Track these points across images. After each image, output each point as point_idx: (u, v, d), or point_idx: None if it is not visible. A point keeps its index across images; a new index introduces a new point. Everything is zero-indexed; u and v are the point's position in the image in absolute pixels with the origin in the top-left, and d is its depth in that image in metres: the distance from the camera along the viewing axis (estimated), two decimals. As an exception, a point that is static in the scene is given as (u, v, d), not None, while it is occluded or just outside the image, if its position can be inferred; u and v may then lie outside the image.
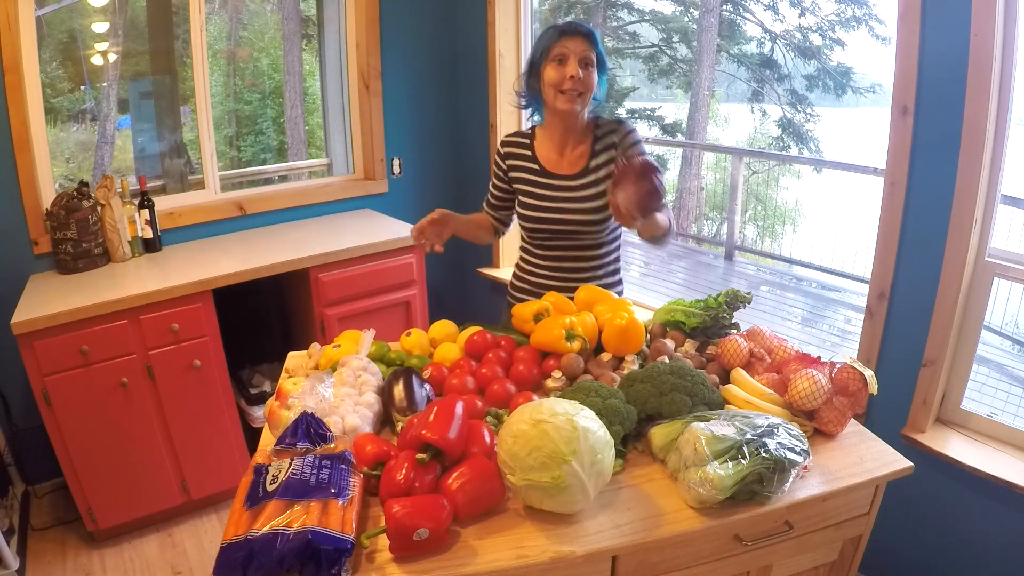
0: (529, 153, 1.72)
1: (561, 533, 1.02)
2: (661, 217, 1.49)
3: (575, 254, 1.71)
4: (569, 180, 1.66)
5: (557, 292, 1.62)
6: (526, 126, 3.09)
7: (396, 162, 3.21)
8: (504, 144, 1.77)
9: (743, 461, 1.04)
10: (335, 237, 2.68)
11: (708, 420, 1.13)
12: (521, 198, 1.72)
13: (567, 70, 1.55)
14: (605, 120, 1.70)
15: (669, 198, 8.63)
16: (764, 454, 1.05)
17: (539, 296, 1.68)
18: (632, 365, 1.38)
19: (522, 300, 1.75)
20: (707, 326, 1.51)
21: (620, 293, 1.76)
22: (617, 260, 1.78)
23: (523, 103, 1.71)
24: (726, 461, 1.04)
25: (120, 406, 2.19)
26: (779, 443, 1.07)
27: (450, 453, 1.06)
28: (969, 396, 1.86)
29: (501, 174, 1.77)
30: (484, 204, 1.86)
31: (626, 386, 1.26)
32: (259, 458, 1.08)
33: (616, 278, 1.78)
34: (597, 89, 1.62)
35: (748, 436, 1.07)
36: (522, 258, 1.82)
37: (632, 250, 5.78)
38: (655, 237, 1.55)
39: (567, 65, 1.55)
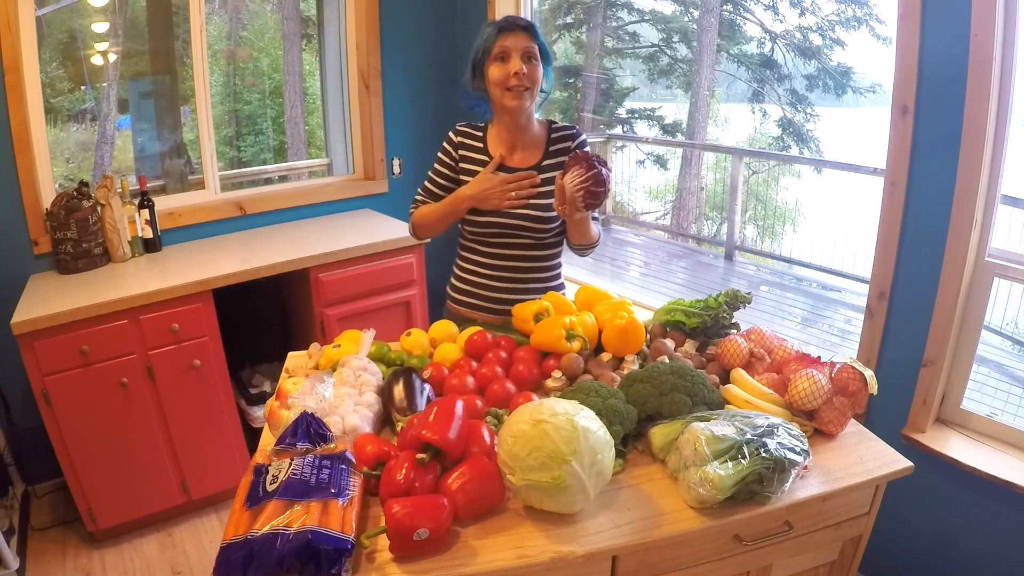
0: (481, 146, 1.71)
1: (561, 533, 1.02)
2: (595, 226, 1.61)
3: (518, 253, 1.68)
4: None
5: (499, 294, 1.65)
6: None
7: (396, 162, 3.21)
8: (457, 133, 1.74)
9: (743, 461, 1.04)
10: (335, 237, 2.68)
11: (708, 420, 1.13)
12: None
13: (510, 67, 1.55)
14: (559, 124, 1.71)
15: (669, 198, 8.60)
16: (764, 454, 1.05)
17: (480, 300, 1.70)
18: (632, 365, 1.38)
19: (464, 303, 1.75)
20: (707, 326, 1.51)
21: (560, 287, 1.78)
22: (559, 265, 1.77)
23: (470, 104, 1.73)
24: (726, 461, 1.04)
25: (120, 406, 2.19)
26: (779, 443, 1.07)
27: (450, 453, 1.06)
28: (969, 396, 1.86)
29: (451, 163, 1.73)
30: (425, 197, 1.76)
31: (626, 386, 1.26)
32: (259, 458, 1.08)
33: (558, 282, 1.77)
34: (543, 81, 1.62)
35: (748, 436, 1.07)
36: (461, 260, 1.77)
37: (632, 250, 5.79)
38: (582, 244, 1.63)
39: (510, 62, 1.55)
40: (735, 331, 1.52)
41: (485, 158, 1.68)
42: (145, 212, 2.51)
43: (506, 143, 1.68)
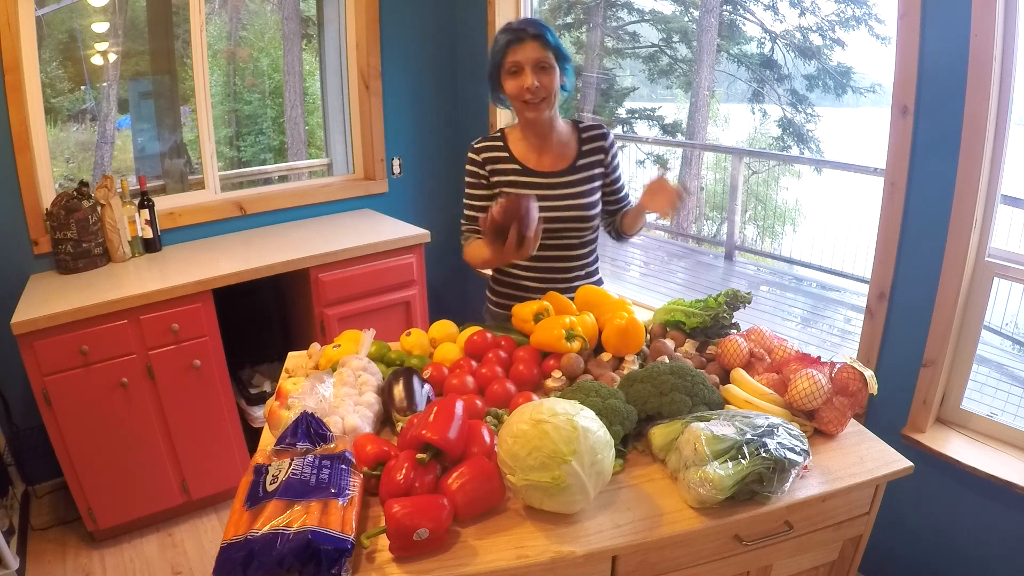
0: (506, 154, 1.67)
1: (561, 533, 1.02)
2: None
3: (558, 254, 1.69)
4: (554, 177, 1.64)
5: (543, 296, 1.62)
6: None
7: (396, 162, 3.21)
8: (479, 151, 1.69)
9: (743, 461, 1.04)
10: (335, 237, 2.68)
11: (708, 420, 1.13)
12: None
13: (523, 81, 1.53)
14: (587, 124, 1.69)
15: (669, 198, 8.61)
16: (764, 454, 1.05)
17: (521, 300, 1.66)
18: (632, 365, 1.38)
19: (507, 307, 1.71)
20: (707, 326, 1.51)
21: (599, 283, 1.79)
22: (597, 259, 1.78)
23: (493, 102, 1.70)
24: (726, 461, 1.04)
25: (120, 406, 2.19)
26: (779, 443, 1.07)
27: (450, 453, 1.06)
28: (969, 396, 1.86)
29: (483, 181, 1.69)
30: (470, 225, 1.72)
31: (626, 386, 1.26)
32: (259, 458, 1.08)
33: (596, 278, 1.79)
34: (564, 80, 1.59)
35: (748, 436, 1.07)
36: (502, 269, 1.76)
37: (632, 250, 5.78)
38: (637, 232, 1.75)
39: (522, 76, 1.53)
40: (735, 331, 1.52)
41: (515, 166, 1.66)
42: (145, 212, 2.51)
43: (533, 147, 1.66)
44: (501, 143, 1.69)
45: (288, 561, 0.88)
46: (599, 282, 1.79)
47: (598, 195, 1.70)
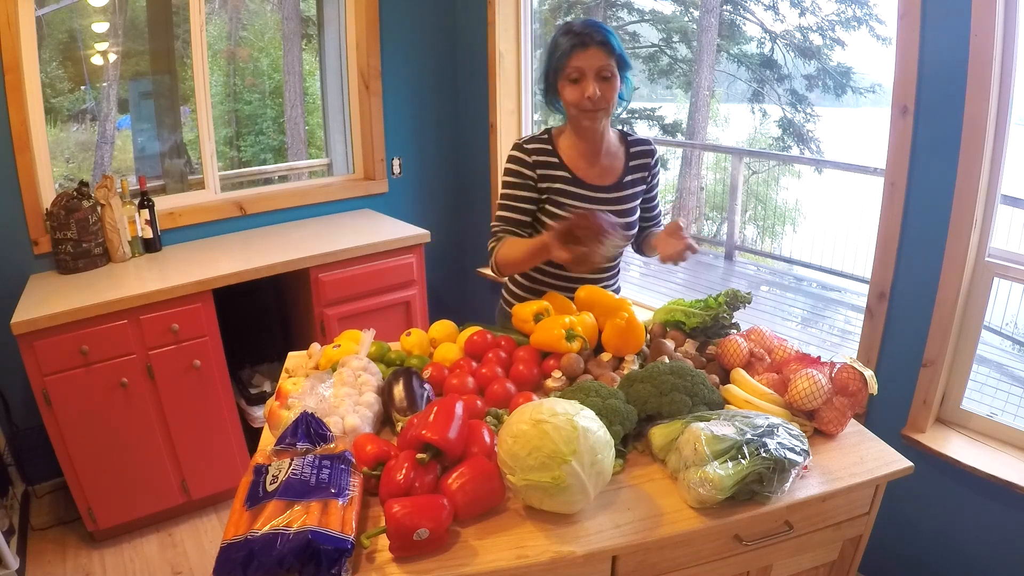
0: (556, 160, 1.58)
1: (561, 533, 1.02)
2: None
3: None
4: (605, 192, 1.59)
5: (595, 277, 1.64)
6: (527, 127, 3.11)
7: (396, 162, 3.21)
8: (530, 152, 1.57)
9: (743, 461, 1.04)
10: (335, 237, 2.68)
11: (708, 420, 1.13)
12: (552, 208, 1.57)
13: (585, 90, 1.45)
14: (635, 137, 1.66)
15: (669, 198, 8.59)
16: (764, 454, 1.05)
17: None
18: (632, 365, 1.38)
19: None
20: (707, 326, 1.51)
21: (617, 291, 1.77)
22: (619, 263, 1.77)
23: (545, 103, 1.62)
24: (726, 461, 1.04)
25: (120, 406, 2.19)
26: (779, 443, 1.07)
27: (450, 453, 1.06)
28: (969, 396, 1.86)
29: (531, 183, 1.57)
30: (506, 226, 1.59)
31: (626, 386, 1.26)
32: (259, 458, 1.08)
33: (617, 281, 1.78)
34: (623, 89, 1.53)
35: (748, 436, 1.07)
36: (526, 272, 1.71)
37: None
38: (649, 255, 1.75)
39: (584, 84, 1.45)
40: (735, 331, 1.52)
41: (564, 173, 1.57)
42: (145, 212, 2.51)
43: (584, 155, 1.59)
44: (550, 146, 1.59)
45: (288, 561, 0.88)
46: (618, 289, 1.78)
47: (638, 212, 1.68)
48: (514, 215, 1.59)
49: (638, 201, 1.67)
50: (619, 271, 1.78)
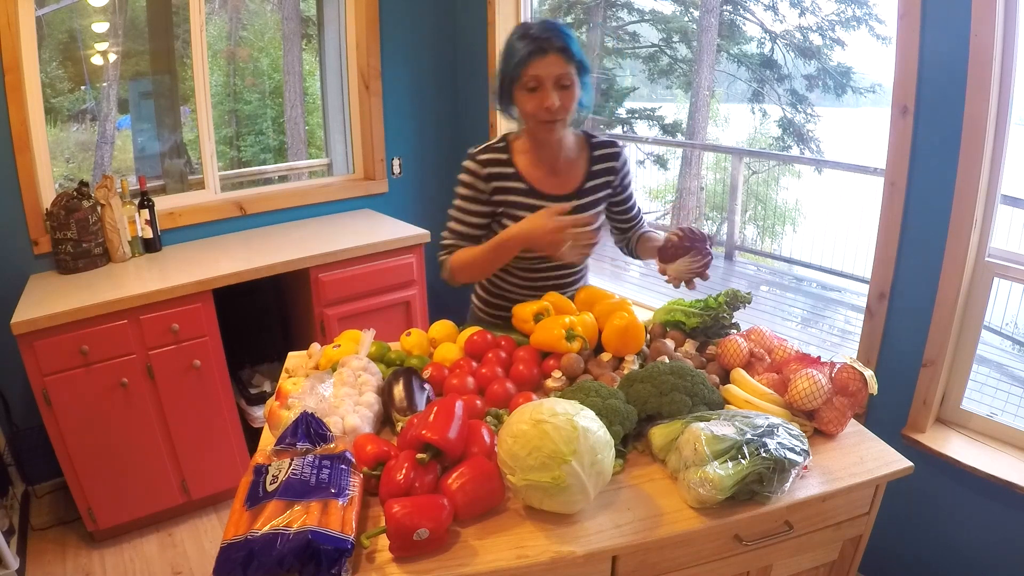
0: (511, 171, 1.51)
1: (561, 533, 1.02)
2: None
3: (555, 273, 1.63)
4: (563, 201, 1.50)
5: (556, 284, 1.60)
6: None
7: (396, 162, 3.21)
8: (483, 163, 1.51)
9: (743, 461, 1.04)
10: (335, 237, 2.68)
11: (708, 420, 1.13)
12: (508, 221, 1.52)
13: (543, 100, 1.37)
14: (599, 140, 1.58)
15: (669, 198, 8.58)
16: (764, 454, 1.05)
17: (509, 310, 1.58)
18: (632, 365, 1.38)
19: (500, 317, 1.68)
20: (707, 326, 1.51)
21: (581, 278, 1.74)
22: (587, 264, 1.73)
23: (499, 109, 1.54)
24: (726, 461, 1.04)
25: (120, 406, 2.19)
26: (779, 443, 1.07)
27: (450, 453, 1.06)
28: (969, 396, 1.86)
29: (483, 197, 1.52)
30: (457, 240, 1.55)
31: (626, 386, 1.25)
32: (259, 458, 1.07)
33: (585, 279, 1.75)
34: (582, 94, 1.44)
35: (748, 436, 1.07)
36: (495, 277, 1.67)
37: (632, 250, 5.77)
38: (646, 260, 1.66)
39: (542, 93, 1.37)
40: (735, 331, 1.52)
41: (520, 184, 1.51)
42: (145, 212, 2.51)
43: (541, 165, 1.52)
44: (506, 156, 1.53)
45: (288, 561, 0.88)
46: (580, 278, 1.73)
47: (603, 217, 1.63)
48: (466, 229, 1.55)
49: (602, 207, 1.61)
50: (586, 266, 1.73)
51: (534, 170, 1.53)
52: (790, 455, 1.06)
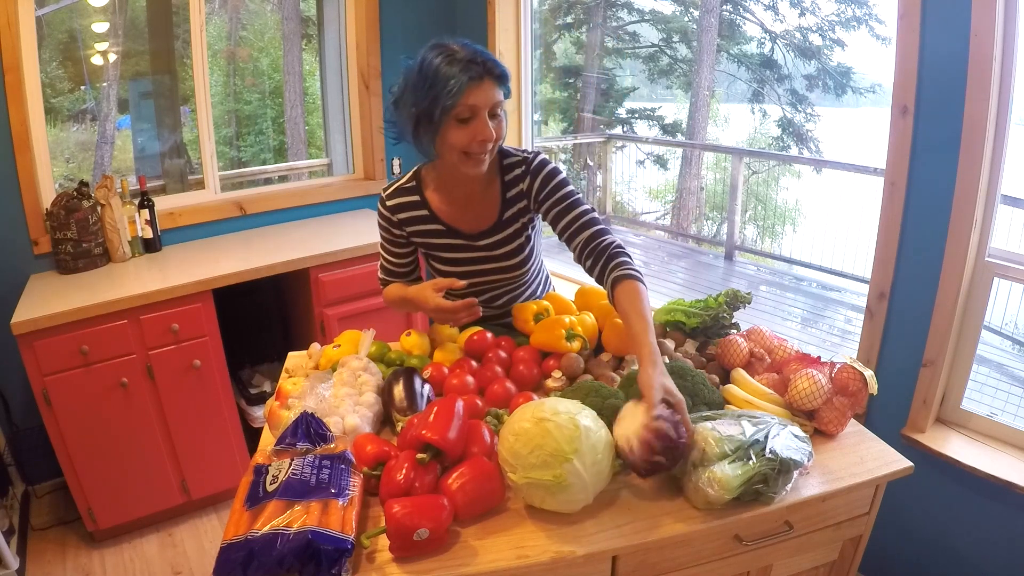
0: (425, 212, 1.46)
1: (561, 533, 1.02)
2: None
3: (501, 289, 1.57)
4: (483, 238, 1.46)
5: (486, 314, 1.56)
6: (526, 127, 3.11)
7: (396, 162, 3.21)
8: (392, 209, 1.46)
9: (750, 462, 1.04)
10: (335, 237, 2.68)
11: (712, 420, 1.13)
12: (432, 262, 1.54)
13: (477, 132, 1.26)
14: (508, 158, 1.43)
15: (669, 198, 8.56)
16: (770, 455, 1.04)
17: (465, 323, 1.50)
18: (632, 365, 1.38)
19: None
20: (707, 326, 1.51)
21: (553, 287, 1.71)
22: (542, 266, 1.65)
23: (395, 139, 1.41)
24: (733, 462, 1.04)
25: (120, 406, 2.19)
26: (784, 444, 1.07)
27: (450, 453, 1.06)
28: (969, 396, 1.85)
29: (401, 240, 1.51)
30: (388, 277, 1.57)
31: (626, 386, 1.25)
32: (259, 458, 1.08)
33: (546, 286, 1.69)
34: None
35: (754, 437, 1.07)
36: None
37: (632, 250, 5.77)
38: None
39: (476, 124, 1.25)
40: (735, 331, 1.52)
41: (437, 226, 1.46)
42: (145, 212, 2.51)
43: (455, 202, 1.44)
44: (417, 197, 1.46)
45: (288, 561, 0.88)
46: (547, 281, 1.68)
47: (530, 240, 1.51)
48: (393, 267, 1.57)
49: (526, 234, 1.49)
50: (539, 276, 1.64)
51: (449, 208, 1.45)
52: (795, 456, 1.06)
